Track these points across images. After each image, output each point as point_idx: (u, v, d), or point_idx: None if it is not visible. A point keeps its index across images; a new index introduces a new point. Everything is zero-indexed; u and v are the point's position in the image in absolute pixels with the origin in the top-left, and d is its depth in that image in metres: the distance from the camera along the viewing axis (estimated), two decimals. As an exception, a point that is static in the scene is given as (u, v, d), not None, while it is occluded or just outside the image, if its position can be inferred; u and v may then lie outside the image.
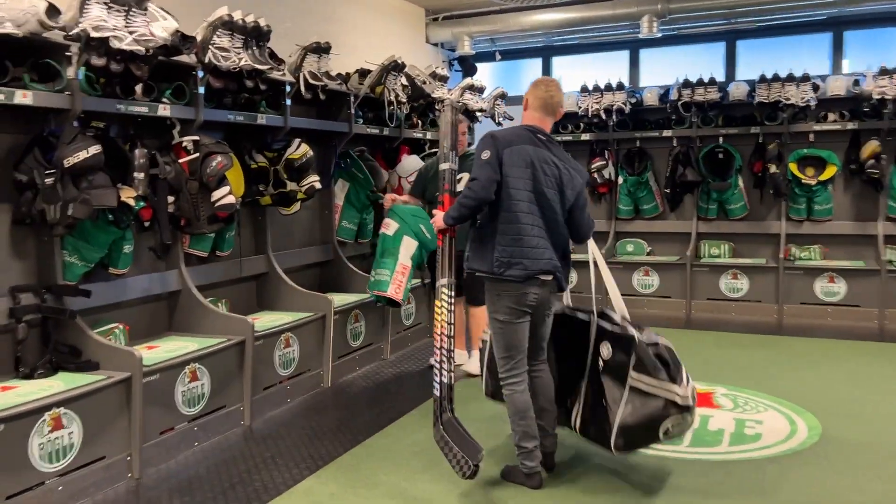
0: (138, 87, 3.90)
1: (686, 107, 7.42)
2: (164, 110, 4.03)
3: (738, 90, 7.32)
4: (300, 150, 4.99)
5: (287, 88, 4.99)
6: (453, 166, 3.52)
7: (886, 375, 5.17)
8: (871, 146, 6.87)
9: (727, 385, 4.93)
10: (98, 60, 3.41)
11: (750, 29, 8.25)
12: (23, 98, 3.28)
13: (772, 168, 7.16)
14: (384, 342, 5.84)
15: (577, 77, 8.17)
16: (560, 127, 8.03)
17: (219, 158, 4.22)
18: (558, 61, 9.46)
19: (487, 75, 9.41)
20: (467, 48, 8.76)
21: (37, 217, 3.50)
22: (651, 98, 7.77)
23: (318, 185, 5.10)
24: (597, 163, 7.93)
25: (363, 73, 5.90)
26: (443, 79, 6.74)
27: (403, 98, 5.97)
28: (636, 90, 8.05)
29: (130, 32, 3.41)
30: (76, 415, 3.30)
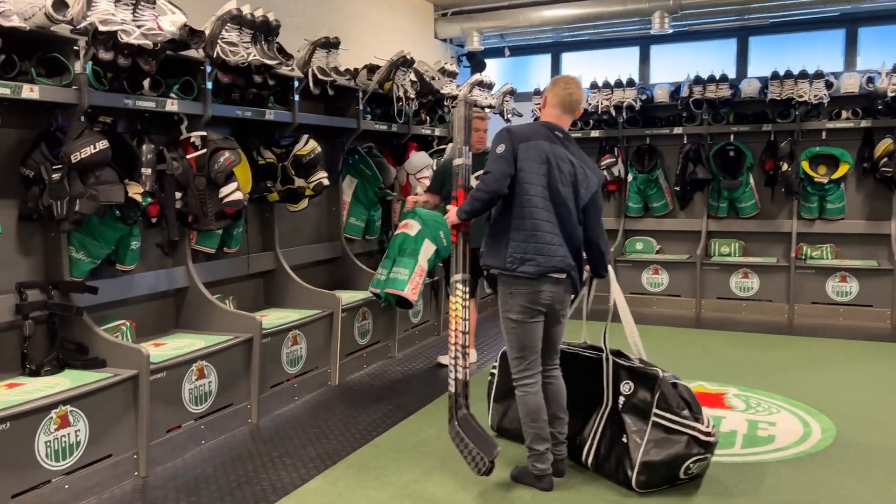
0: (146, 82, 3.86)
1: (697, 104, 7.35)
2: (172, 105, 3.99)
3: (750, 87, 7.24)
4: (308, 147, 4.95)
5: (295, 84, 4.95)
6: (467, 162, 3.48)
7: (900, 377, 5.11)
8: (885, 144, 6.79)
9: (739, 385, 4.87)
10: (106, 55, 3.37)
11: (762, 25, 8.17)
12: (30, 92, 3.24)
13: (784, 166, 7.09)
14: (392, 340, 5.80)
15: (587, 74, 8.11)
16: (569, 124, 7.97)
17: (227, 154, 4.19)
18: (568, 58, 9.39)
19: (496, 71, 9.35)
20: (476, 44, 8.70)
21: (44, 213, 3.47)
22: (661, 95, 7.69)
23: (327, 182, 5.06)
24: (606, 160, 7.86)
25: (371, 69, 5.86)
26: (452, 75, 6.68)
27: (412, 94, 5.92)
28: (646, 87, 7.98)
29: (138, 26, 3.37)
30: (83, 413, 3.27)
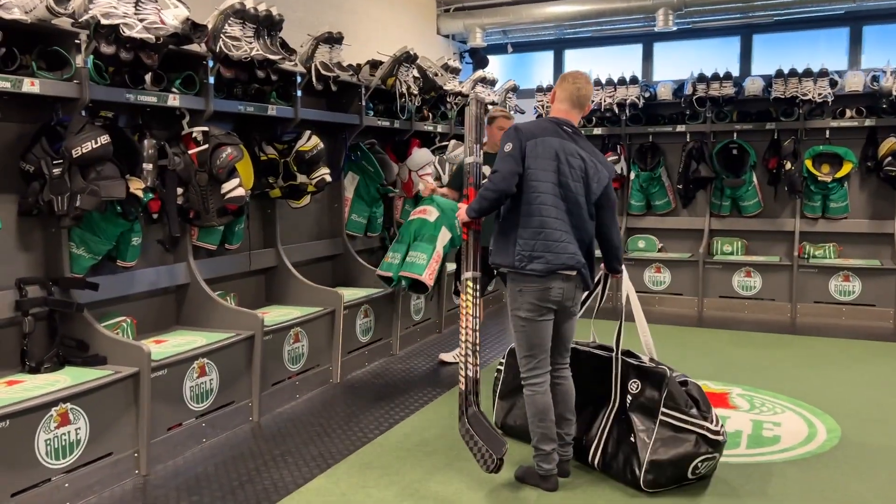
0: (147, 77, 3.82)
1: (700, 101, 7.31)
2: (174, 100, 3.95)
3: (754, 85, 7.20)
4: (311, 143, 4.91)
5: (298, 79, 4.91)
6: (478, 160, 3.47)
7: (904, 377, 5.08)
8: (889, 143, 6.76)
9: (743, 385, 4.85)
10: (107, 48, 3.33)
11: (766, 23, 8.13)
12: (30, 86, 3.20)
13: (787, 165, 7.06)
14: (393, 337, 5.77)
15: (590, 71, 8.07)
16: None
17: (229, 150, 4.15)
18: (571, 54, 9.35)
19: (499, 68, 9.31)
20: (479, 40, 8.66)
21: (44, 208, 3.43)
22: (665, 92, 7.66)
23: (329, 178, 5.03)
24: (609, 157, 7.83)
25: (374, 65, 5.82)
26: (455, 71, 6.65)
27: (415, 90, 5.88)
28: (650, 84, 7.94)
29: (140, 20, 3.34)
30: (83, 410, 3.23)
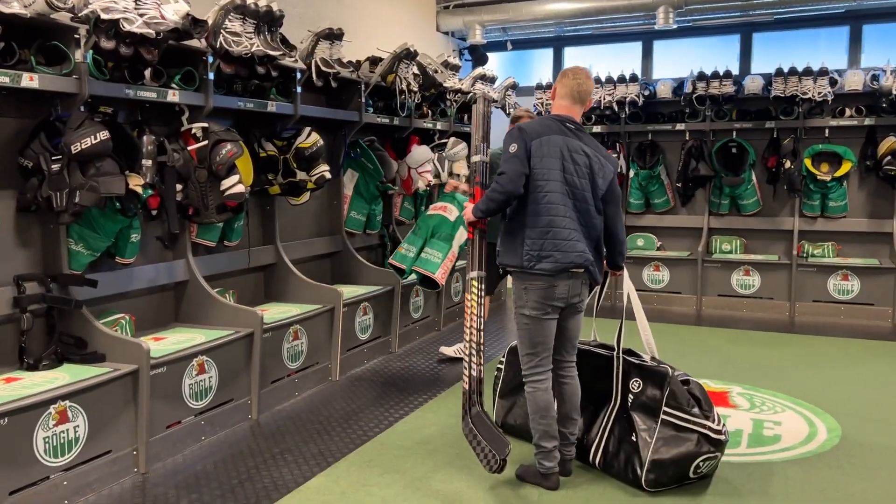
0: (147, 72, 3.79)
1: (700, 100, 7.30)
2: (174, 96, 3.92)
3: (754, 84, 7.19)
4: (310, 139, 4.89)
5: (298, 75, 4.88)
6: (485, 158, 3.47)
7: (904, 376, 5.08)
8: (889, 143, 6.75)
9: (742, 384, 4.84)
10: (107, 43, 3.31)
11: (766, 21, 8.11)
12: (29, 81, 3.17)
13: (786, 163, 7.05)
14: (392, 335, 5.75)
15: (589, 65, 8.05)
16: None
17: (229, 146, 4.12)
18: (570, 52, 9.32)
19: (498, 65, 9.28)
20: (478, 37, 8.63)
21: (42, 204, 3.40)
22: (664, 90, 7.64)
23: (329, 175, 5.00)
24: (608, 155, 7.81)
25: (374, 61, 5.79)
26: (454, 68, 6.62)
27: (415, 87, 5.86)
28: (649, 82, 7.92)
29: (141, 15, 3.31)
30: (82, 408, 3.21)
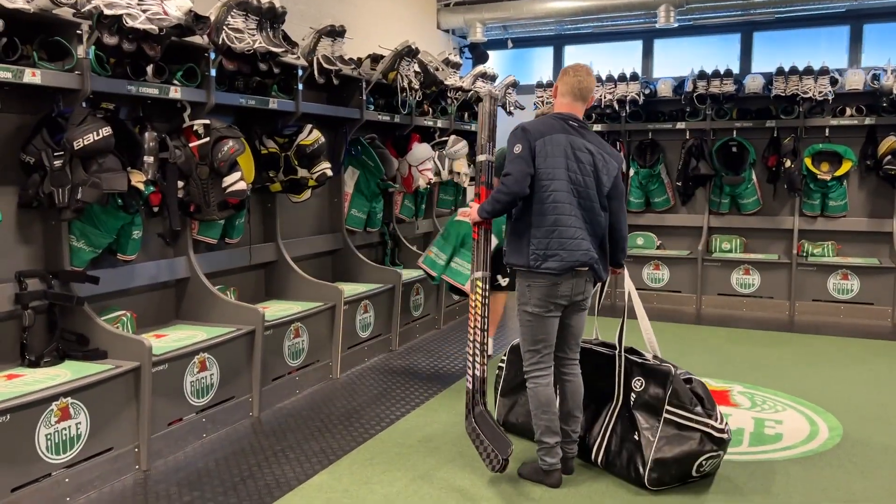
0: (149, 68, 3.78)
1: (701, 99, 7.30)
2: (176, 93, 3.91)
3: (754, 83, 7.19)
4: (312, 136, 4.87)
5: (299, 72, 4.87)
6: (490, 158, 3.48)
7: (904, 376, 5.09)
8: (889, 142, 6.75)
9: (743, 383, 4.84)
10: (110, 39, 3.29)
11: (767, 20, 8.11)
12: (32, 77, 3.16)
13: (786, 162, 7.05)
14: (393, 333, 5.74)
15: (590, 62, 8.05)
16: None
17: (230, 143, 4.11)
18: (570, 50, 9.32)
19: (498, 63, 9.28)
20: (479, 35, 8.62)
21: (44, 200, 3.40)
22: (665, 89, 7.63)
23: (330, 173, 4.99)
24: (608, 154, 7.80)
25: (375, 59, 5.78)
26: (455, 66, 6.62)
27: (416, 85, 5.85)
28: (650, 81, 7.92)
29: (144, 11, 3.30)
30: (84, 405, 3.20)
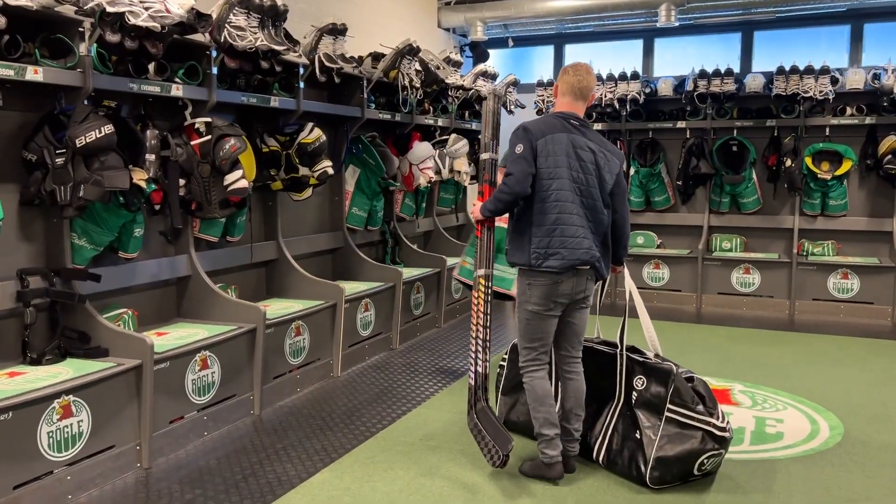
0: (151, 66, 3.78)
1: (701, 98, 7.29)
2: (177, 90, 3.91)
3: (755, 82, 7.18)
4: (313, 135, 4.87)
5: (301, 71, 4.87)
6: (494, 156, 3.49)
7: (904, 375, 5.09)
8: (889, 141, 6.75)
9: (744, 382, 4.85)
10: (112, 37, 3.29)
11: (768, 20, 8.11)
12: (34, 74, 3.15)
13: (787, 162, 7.06)
14: (393, 332, 5.74)
15: (590, 61, 8.05)
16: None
17: (232, 141, 4.11)
18: (571, 49, 9.32)
19: (499, 62, 9.27)
20: (480, 34, 8.61)
21: (46, 198, 3.39)
22: (665, 88, 7.62)
23: (331, 171, 4.99)
24: (609, 153, 7.80)
25: (376, 57, 5.78)
26: (457, 64, 6.62)
27: (417, 83, 5.85)
28: (650, 80, 7.91)
29: (146, 8, 3.29)
30: (86, 403, 3.20)
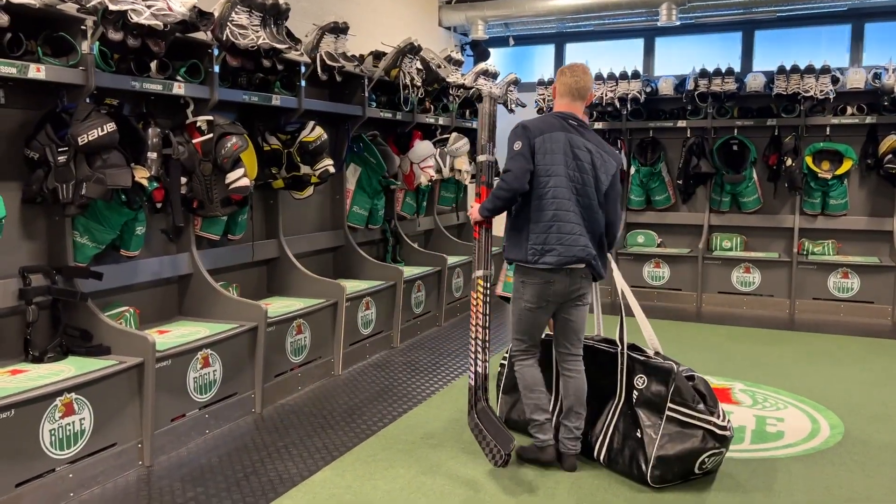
0: (153, 64, 3.78)
1: (702, 97, 7.30)
2: (179, 89, 3.91)
3: (756, 81, 7.19)
4: (314, 133, 4.88)
5: (302, 69, 4.87)
6: (490, 158, 3.51)
7: (905, 374, 5.10)
8: (890, 141, 6.76)
9: (744, 381, 4.86)
10: (115, 35, 3.30)
11: (768, 19, 8.11)
12: (36, 72, 3.16)
13: (787, 161, 7.07)
14: (394, 330, 5.75)
15: (591, 65, 8.02)
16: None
17: (234, 140, 4.12)
18: (572, 48, 9.32)
19: (500, 61, 9.27)
20: (481, 33, 8.61)
21: (48, 196, 3.40)
22: (666, 87, 7.63)
23: (333, 170, 5.00)
24: (609, 152, 7.81)
25: (377, 56, 5.79)
26: (458, 63, 6.62)
27: (418, 82, 5.85)
28: (651, 79, 7.91)
29: (148, 6, 3.30)
30: (88, 401, 3.21)
